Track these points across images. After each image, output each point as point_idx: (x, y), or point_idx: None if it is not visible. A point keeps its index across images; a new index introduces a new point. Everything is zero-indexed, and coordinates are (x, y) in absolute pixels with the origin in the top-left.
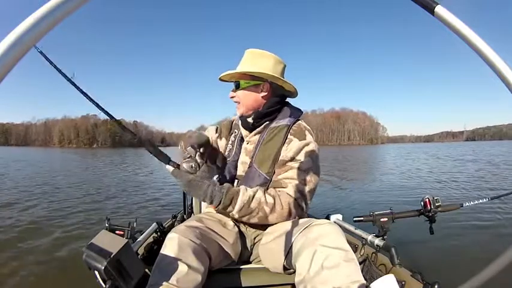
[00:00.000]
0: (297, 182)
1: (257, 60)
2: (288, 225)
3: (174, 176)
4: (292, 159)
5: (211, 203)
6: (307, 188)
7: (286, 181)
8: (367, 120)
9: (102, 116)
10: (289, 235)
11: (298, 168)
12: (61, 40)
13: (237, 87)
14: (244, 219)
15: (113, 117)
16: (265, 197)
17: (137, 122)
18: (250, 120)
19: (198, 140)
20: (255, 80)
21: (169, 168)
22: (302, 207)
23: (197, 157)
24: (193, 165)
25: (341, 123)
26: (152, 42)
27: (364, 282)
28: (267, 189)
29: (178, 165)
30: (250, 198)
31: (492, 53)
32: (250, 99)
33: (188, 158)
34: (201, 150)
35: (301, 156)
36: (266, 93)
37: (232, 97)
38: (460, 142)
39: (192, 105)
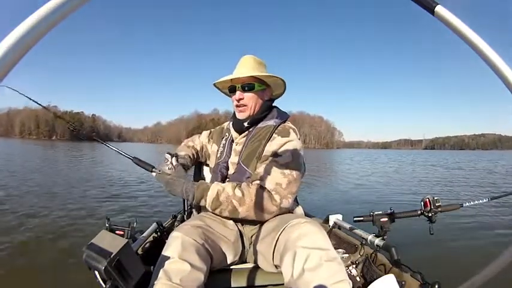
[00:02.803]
0: (273, 174)
1: (260, 66)
2: (271, 223)
3: (157, 180)
4: (273, 154)
5: (186, 198)
6: (284, 181)
7: (264, 173)
8: (324, 124)
9: (62, 108)
10: (272, 234)
11: (277, 162)
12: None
13: (250, 89)
14: (217, 211)
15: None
16: (233, 191)
17: (95, 116)
18: (246, 124)
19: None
20: (262, 85)
21: (154, 174)
22: (275, 200)
23: (173, 160)
24: (169, 167)
25: (297, 127)
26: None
27: (349, 280)
28: (242, 183)
29: (160, 171)
30: (219, 192)
31: (492, 52)
32: (258, 103)
33: (166, 162)
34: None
35: (281, 152)
36: (267, 98)
37: (240, 99)
38: (418, 150)
39: (148, 102)
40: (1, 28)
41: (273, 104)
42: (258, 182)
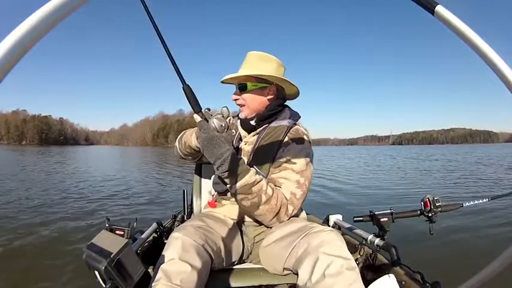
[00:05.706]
0: (290, 183)
1: (262, 63)
2: (289, 228)
3: (200, 127)
4: (288, 161)
5: (219, 166)
6: (299, 191)
7: (281, 180)
8: None
9: (31, 112)
10: (290, 239)
11: (293, 170)
12: None
13: (243, 89)
14: (239, 197)
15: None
16: (267, 186)
17: (63, 119)
18: (253, 122)
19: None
20: (261, 83)
21: (197, 117)
22: (289, 210)
23: (227, 120)
24: (223, 125)
25: None
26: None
27: None
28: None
29: (206, 119)
30: (256, 182)
31: (492, 52)
32: (257, 102)
33: (220, 116)
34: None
35: (296, 159)
36: (272, 96)
37: (235, 99)
38: (386, 146)
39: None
40: (1, 28)
41: (286, 103)
42: (277, 187)
